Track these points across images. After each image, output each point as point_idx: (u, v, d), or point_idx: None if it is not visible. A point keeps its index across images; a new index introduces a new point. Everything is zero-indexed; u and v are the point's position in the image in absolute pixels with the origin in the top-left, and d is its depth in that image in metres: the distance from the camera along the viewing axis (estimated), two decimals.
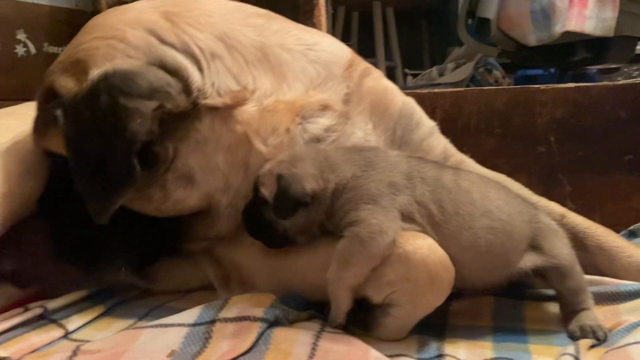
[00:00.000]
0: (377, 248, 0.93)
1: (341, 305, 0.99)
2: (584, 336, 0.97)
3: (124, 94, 0.95)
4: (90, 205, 1.00)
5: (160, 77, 0.98)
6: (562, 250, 1.02)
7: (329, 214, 1.01)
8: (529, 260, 1.01)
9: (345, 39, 3.74)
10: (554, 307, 1.09)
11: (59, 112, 0.99)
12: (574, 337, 0.98)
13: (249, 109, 1.06)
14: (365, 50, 3.45)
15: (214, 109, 1.03)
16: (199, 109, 1.02)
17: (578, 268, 1.03)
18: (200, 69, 1.04)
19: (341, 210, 0.99)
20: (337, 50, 1.23)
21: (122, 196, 0.99)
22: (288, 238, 1.04)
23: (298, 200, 0.98)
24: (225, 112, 1.05)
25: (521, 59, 2.74)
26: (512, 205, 1.04)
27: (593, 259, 1.23)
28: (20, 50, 1.93)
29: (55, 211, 1.15)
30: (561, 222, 1.21)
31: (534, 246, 1.02)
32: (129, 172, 0.96)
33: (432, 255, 0.94)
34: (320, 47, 1.20)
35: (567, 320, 1.02)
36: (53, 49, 2.02)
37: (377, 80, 1.25)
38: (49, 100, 1.05)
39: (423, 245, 0.95)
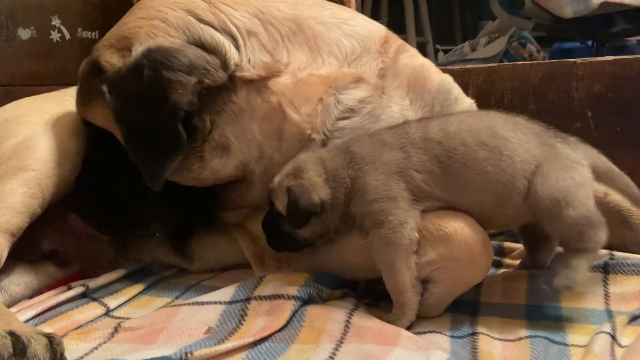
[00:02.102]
0: (404, 238, 0.95)
1: (412, 305, 0.97)
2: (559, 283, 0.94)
3: (165, 67, 1.01)
4: (145, 173, 1.07)
5: (199, 55, 1.03)
6: (550, 189, 0.93)
7: (344, 219, 1.03)
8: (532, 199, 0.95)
9: (374, 14, 3.69)
10: (590, 285, 1.08)
11: (104, 87, 1.06)
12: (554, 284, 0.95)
13: (283, 80, 1.10)
14: (395, 26, 3.39)
15: (249, 82, 1.08)
16: (235, 82, 1.07)
17: (577, 211, 0.93)
18: (237, 46, 1.08)
19: (357, 216, 1.01)
20: (371, 27, 1.23)
21: (172, 162, 1.05)
22: (309, 244, 1.07)
23: (309, 211, 1.00)
24: (260, 83, 1.09)
25: (556, 32, 2.67)
26: (514, 128, 0.99)
27: (638, 237, 1.21)
28: (55, 36, 1.97)
29: (92, 184, 1.20)
30: (604, 201, 1.19)
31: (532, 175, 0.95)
32: (177, 139, 1.03)
33: (473, 235, 0.95)
34: (354, 22, 1.21)
35: (563, 260, 0.97)
36: (86, 34, 2.05)
37: (413, 57, 1.25)
38: (93, 74, 1.11)
39: (464, 226, 0.96)
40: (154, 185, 1.07)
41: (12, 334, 0.82)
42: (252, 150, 1.11)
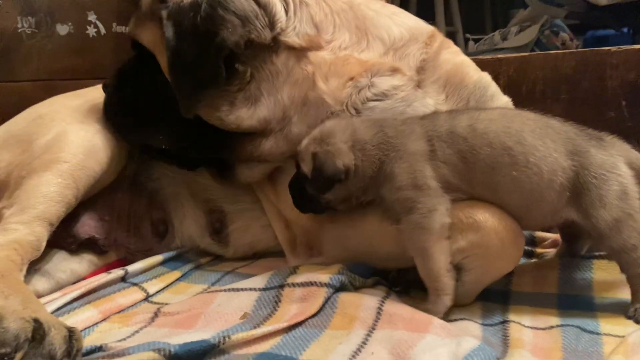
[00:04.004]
0: (435, 223, 0.96)
1: (448, 289, 0.97)
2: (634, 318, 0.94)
3: (222, 7, 1.08)
4: (181, 99, 1.13)
5: (253, 8, 1.11)
6: (598, 212, 0.94)
7: (367, 192, 1.05)
8: (568, 213, 0.97)
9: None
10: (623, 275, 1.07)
11: (164, 13, 1.13)
12: (637, 322, 0.94)
13: (322, 54, 1.16)
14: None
15: (291, 48, 1.15)
16: (279, 45, 1.14)
17: (627, 225, 0.94)
18: (287, 10, 1.15)
19: (387, 201, 1.01)
20: (420, 21, 1.28)
21: (207, 95, 1.13)
22: (331, 207, 1.09)
23: (333, 177, 1.02)
24: (300, 52, 1.15)
25: (591, 19, 2.62)
26: (544, 135, 0.98)
27: None
28: (91, 31, 2.02)
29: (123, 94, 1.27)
30: None
31: (575, 194, 0.95)
32: (216, 73, 1.10)
33: (503, 223, 0.96)
34: (404, 15, 1.27)
35: (633, 296, 0.97)
36: (121, 29, 2.09)
37: (454, 53, 1.27)
38: (155, 1, 1.19)
39: (494, 214, 0.97)
40: (187, 112, 1.14)
41: (36, 320, 0.85)
42: (277, 110, 1.16)
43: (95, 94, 1.34)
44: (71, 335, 0.86)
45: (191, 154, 1.28)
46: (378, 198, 1.04)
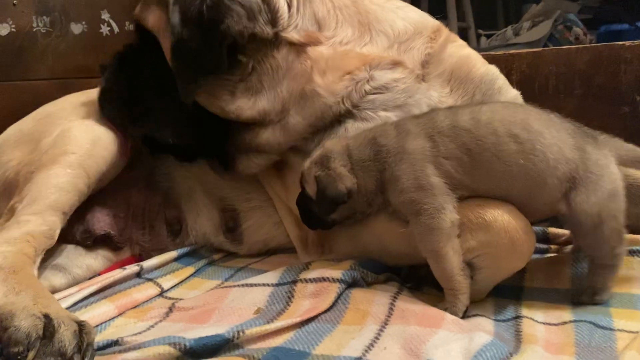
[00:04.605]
0: (444, 222, 0.95)
1: (464, 289, 0.97)
2: (580, 299, 0.99)
3: None
4: (181, 84, 1.15)
5: (257, 2, 1.13)
6: (590, 208, 0.94)
7: (372, 204, 1.06)
8: (560, 205, 0.97)
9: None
10: (637, 270, 1.07)
11: None
12: (573, 300, 1.00)
13: (320, 49, 1.17)
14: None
15: (292, 44, 1.17)
16: (280, 40, 1.16)
17: (609, 226, 0.95)
18: (290, 6, 1.17)
19: (393, 204, 1.02)
20: (425, 15, 1.28)
21: (208, 82, 1.15)
22: (337, 223, 1.10)
23: (336, 200, 1.03)
24: (300, 47, 1.17)
25: (604, 13, 2.59)
26: (548, 125, 0.98)
27: None
28: (105, 29, 2.04)
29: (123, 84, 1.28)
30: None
31: (569, 187, 0.95)
32: (219, 60, 1.12)
33: (513, 222, 0.96)
34: (408, 9, 1.27)
35: (589, 274, 1.01)
36: None
37: (460, 47, 1.27)
38: None
39: (504, 213, 0.96)
40: (186, 97, 1.16)
41: (46, 316, 0.86)
42: (277, 103, 1.17)
43: None
44: (81, 329, 0.86)
45: (191, 145, 1.29)
46: (384, 204, 1.04)
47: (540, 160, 0.95)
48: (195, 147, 1.30)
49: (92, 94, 1.39)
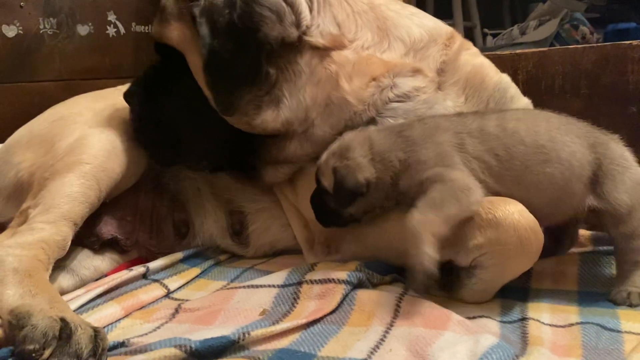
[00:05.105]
0: (467, 200, 0.95)
1: (426, 249, 0.91)
2: (624, 303, 0.98)
3: (257, 3, 1.09)
4: (219, 99, 1.14)
5: (283, 6, 1.10)
6: (620, 195, 0.99)
7: (389, 197, 1.05)
8: (590, 201, 1.00)
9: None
10: None
11: (196, 11, 1.11)
12: (615, 303, 0.99)
13: (345, 54, 1.16)
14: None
15: (315, 48, 1.15)
16: (303, 45, 1.14)
17: (639, 213, 0.99)
18: (311, 9, 1.15)
19: (410, 189, 1.01)
20: (439, 22, 1.28)
21: (247, 92, 1.12)
22: (354, 220, 1.09)
23: (354, 191, 1.03)
24: (324, 52, 1.15)
25: (611, 12, 2.57)
26: (568, 131, 1.01)
27: None
28: (111, 31, 2.05)
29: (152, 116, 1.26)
30: None
31: (594, 182, 0.99)
32: (258, 70, 1.10)
33: (522, 221, 0.96)
34: (423, 16, 1.27)
35: (619, 278, 1.01)
36: (140, 29, 2.12)
37: (474, 55, 1.27)
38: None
39: (514, 211, 0.96)
40: (228, 111, 1.14)
41: (63, 320, 0.87)
42: (299, 112, 1.15)
43: (116, 95, 1.35)
44: (96, 335, 0.87)
45: (223, 165, 1.29)
46: (402, 195, 1.04)
47: (566, 169, 0.99)
48: (225, 166, 1.30)
49: (108, 96, 1.39)
